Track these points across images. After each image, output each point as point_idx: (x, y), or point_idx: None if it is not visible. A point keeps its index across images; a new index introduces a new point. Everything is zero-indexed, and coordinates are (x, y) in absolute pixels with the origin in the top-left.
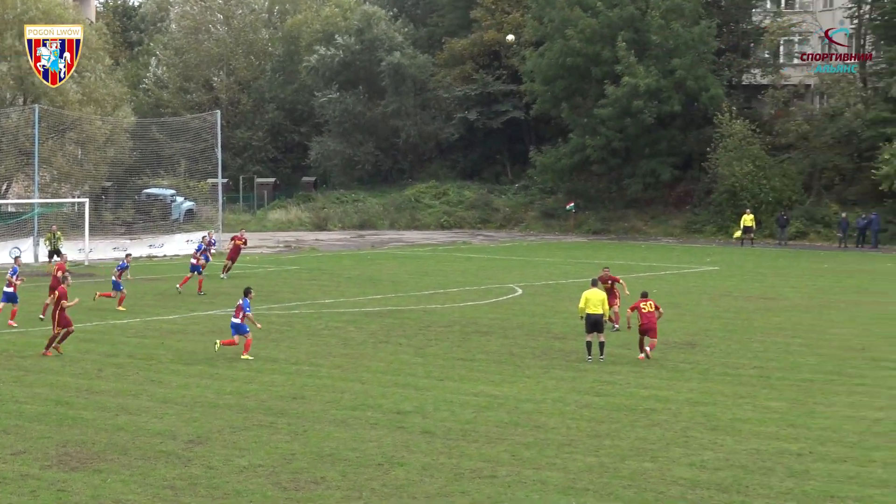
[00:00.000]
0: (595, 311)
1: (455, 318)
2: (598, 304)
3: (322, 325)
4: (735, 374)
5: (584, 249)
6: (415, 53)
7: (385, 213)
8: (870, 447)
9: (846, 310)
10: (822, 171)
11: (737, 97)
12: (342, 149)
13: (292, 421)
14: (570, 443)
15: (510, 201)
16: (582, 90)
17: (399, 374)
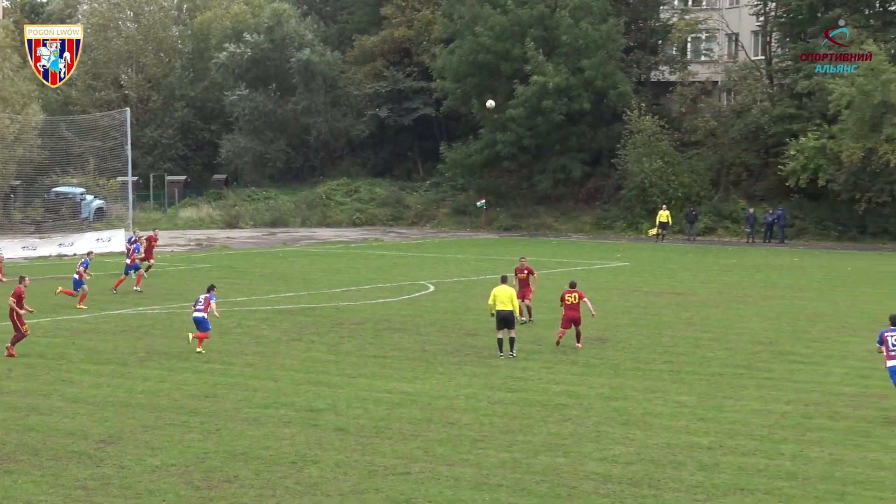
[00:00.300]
0: (504, 308)
1: (367, 315)
2: (507, 301)
3: (234, 324)
4: (646, 369)
5: (495, 246)
6: (324, 50)
7: (297, 210)
8: (778, 440)
9: (754, 304)
10: (729, 167)
11: (645, 94)
12: (253, 146)
13: (205, 420)
14: (483, 439)
15: (422, 198)
16: (492, 87)
17: (312, 372)
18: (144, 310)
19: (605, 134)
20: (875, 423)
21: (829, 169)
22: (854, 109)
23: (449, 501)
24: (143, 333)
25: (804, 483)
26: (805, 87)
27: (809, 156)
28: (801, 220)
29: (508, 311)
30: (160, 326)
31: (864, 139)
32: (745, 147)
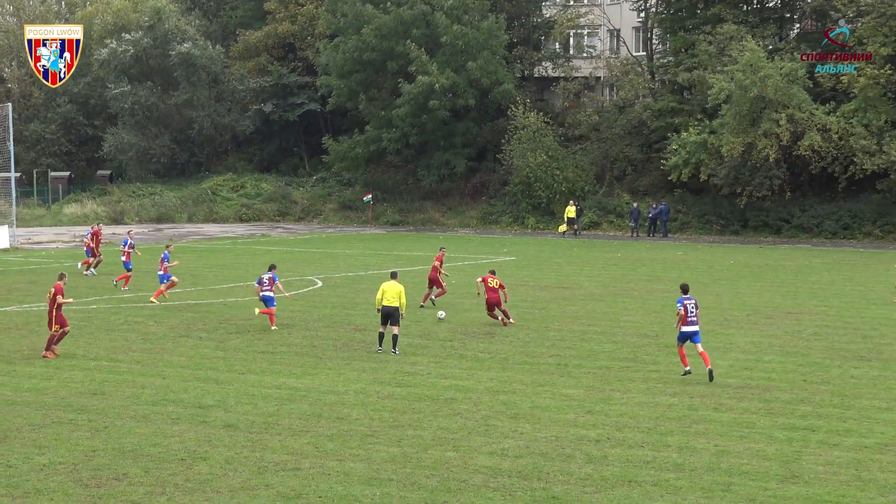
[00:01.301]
0: (391, 304)
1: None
2: (394, 297)
3: (121, 320)
4: (533, 363)
5: (382, 241)
6: (206, 45)
7: (183, 206)
8: (665, 432)
9: (639, 297)
10: (613, 161)
11: (529, 89)
12: (137, 141)
13: (93, 417)
14: (373, 434)
15: (308, 193)
16: (377, 83)
17: (200, 369)
18: (29, 307)
19: (490, 129)
20: (759, 415)
21: (710, 163)
22: (733, 104)
23: (339, 497)
24: (29, 331)
25: (691, 474)
26: (686, 79)
27: (691, 150)
28: (683, 214)
29: (394, 307)
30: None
31: (744, 134)
32: (629, 142)
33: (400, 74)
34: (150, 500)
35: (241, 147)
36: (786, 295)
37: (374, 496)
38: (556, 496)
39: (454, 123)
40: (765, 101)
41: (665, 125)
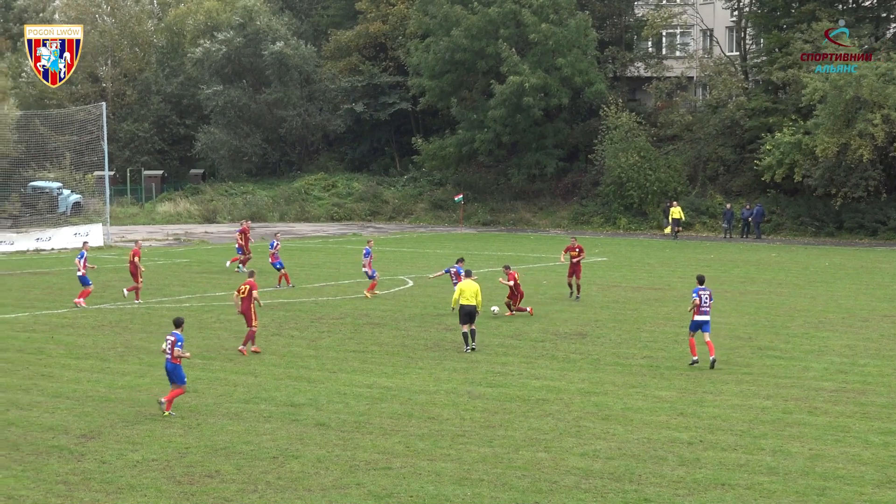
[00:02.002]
0: (468, 302)
1: (347, 310)
2: (471, 296)
3: (213, 319)
4: (626, 364)
5: (473, 241)
6: (298, 44)
7: (274, 205)
8: (758, 435)
9: (732, 299)
10: (706, 162)
11: (621, 89)
12: (228, 140)
13: (185, 415)
14: (464, 434)
15: (399, 193)
16: (468, 83)
17: (292, 367)
18: (123, 305)
19: (581, 130)
20: (854, 418)
21: (804, 164)
22: (827, 104)
23: (430, 496)
24: (123, 328)
25: (785, 478)
26: (780, 78)
27: (785, 151)
28: (777, 215)
29: (472, 305)
30: (139, 321)
31: (838, 134)
32: (722, 142)
33: (491, 75)
34: (241, 498)
35: (333, 146)
36: (882, 298)
37: (465, 496)
38: (647, 498)
39: (546, 124)
40: (860, 101)
41: (758, 125)
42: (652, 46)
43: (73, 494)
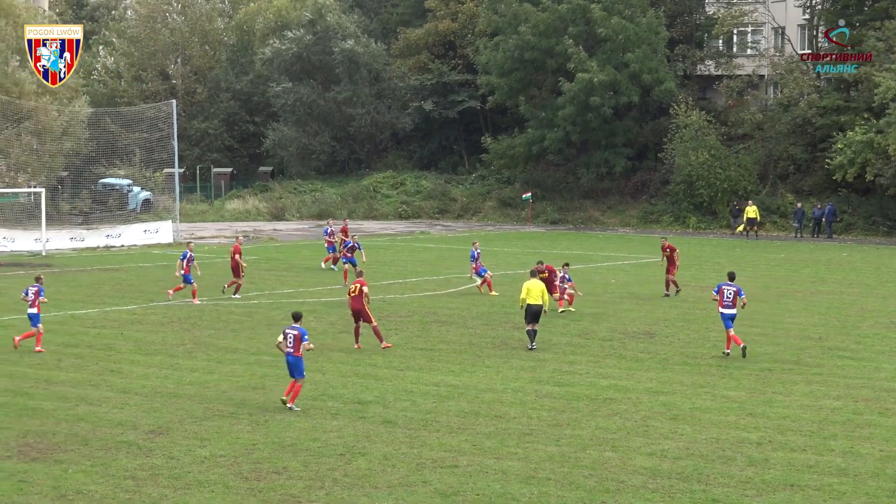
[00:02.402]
0: (535, 302)
1: (415, 307)
2: (538, 295)
3: (281, 316)
4: (694, 364)
5: (541, 239)
6: (369, 42)
7: (343, 202)
8: (828, 436)
9: (803, 299)
10: (777, 161)
11: (691, 87)
12: (297, 137)
13: (253, 411)
14: (531, 432)
15: (467, 191)
16: (537, 82)
17: (359, 365)
18: (191, 301)
19: (651, 128)
20: None
21: (876, 163)
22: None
23: (497, 495)
24: (191, 325)
25: (855, 479)
26: (852, 76)
27: (857, 150)
28: (849, 214)
29: (539, 305)
30: (207, 318)
31: None
32: (793, 141)
33: (560, 73)
34: (308, 494)
35: (401, 144)
36: None
37: (531, 495)
38: (715, 499)
39: (615, 122)
40: None
41: (830, 123)
42: (722, 45)
43: (141, 490)
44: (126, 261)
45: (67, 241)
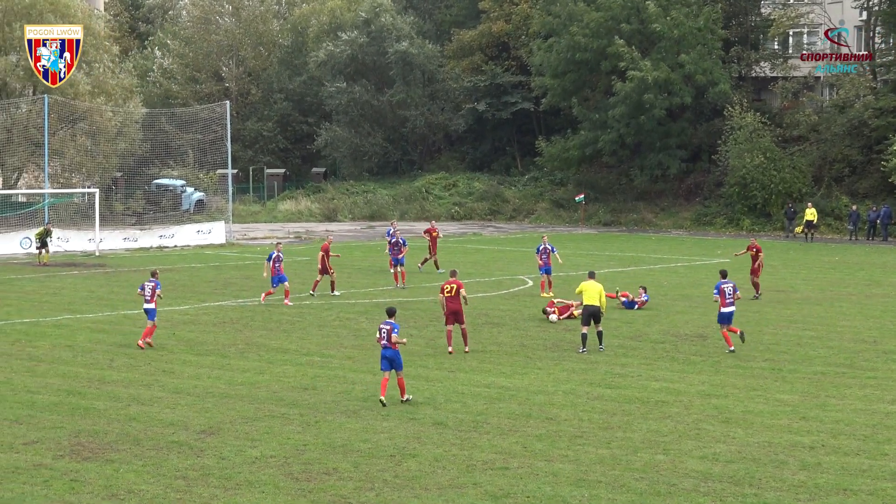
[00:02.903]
0: (592, 303)
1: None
2: (595, 296)
3: (333, 317)
4: (746, 367)
5: (594, 241)
6: (423, 43)
7: (395, 204)
8: (882, 440)
9: (857, 302)
10: (832, 163)
11: (746, 89)
12: (350, 137)
13: (304, 412)
14: (582, 435)
15: (520, 192)
16: (591, 83)
17: (410, 366)
18: (244, 302)
19: (705, 130)
20: None
21: None
22: None
23: (548, 497)
24: (243, 325)
25: None
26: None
27: None
28: None
29: (595, 306)
30: (259, 319)
31: None
32: (848, 143)
33: (613, 74)
34: (359, 496)
35: (454, 146)
36: None
37: (582, 497)
38: (767, 503)
39: (669, 124)
40: None
41: (886, 125)
42: (778, 45)
43: (192, 489)
44: (179, 261)
45: (121, 242)
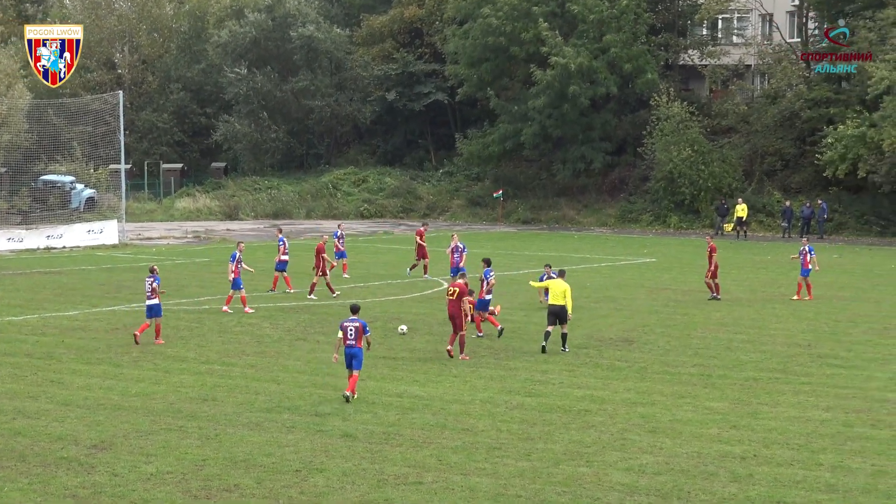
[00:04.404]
0: (556, 302)
1: (377, 313)
2: (560, 295)
3: (234, 322)
4: (674, 373)
5: (513, 240)
6: (330, 28)
7: (301, 201)
8: (817, 449)
9: (791, 304)
10: (763, 156)
11: (673, 78)
12: (250, 131)
13: (203, 424)
14: (500, 446)
15: (434, 188)
16: (509, 72)
17: (317, 374)
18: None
19: (630, 121)
20: None
21: (869, 159)
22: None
23: None
24: None
25: (845, 496)
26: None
27: (848, 145)
28: (840, 213)
29: (560, 305)
30: None
31: None
32: (781, 135)
33: (533, 61)
34: None
35: (363, 139)
36: None
37: None
38: None
39: (593, 115)
40: None
41: (819, 116)
42: (707, 31)
43: None
44: (68, 263)
45: (5, 242)
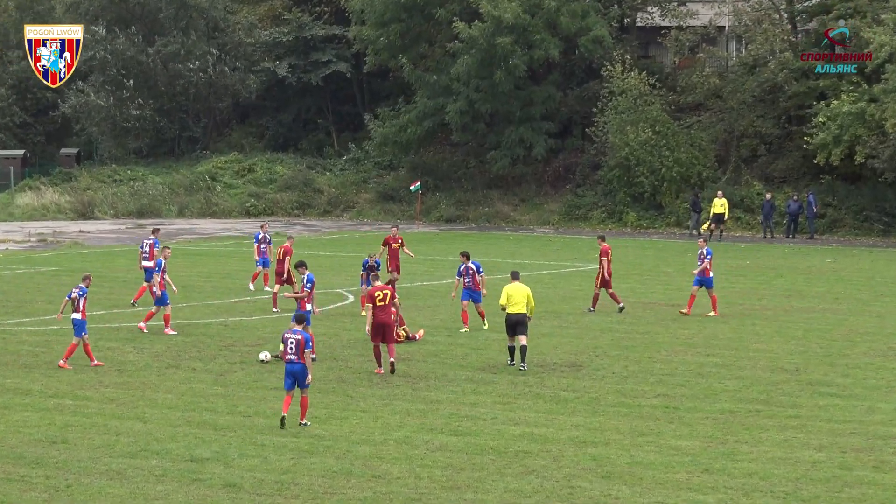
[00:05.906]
0: (517, 311)
1: (266, 334)
2: (520, 301)
3: (91, 345)
4: (633, 405)
5: (434, 242)
6: None
7: (172, 195)
8: (807, 498)
9: (774, 319)
10: (740, 138)
11: (630, 42)
12: (108, 104)
13: (51, 473)
14: (420, 497)
15: (337, 179)
16: (427, 35)
17: (193, 410)
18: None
19: (577, 96)
20: None
21: (869, 141)
22: None
23: None
24: None
25: None
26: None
27: (843, 124)
28: (834, 208)
29: (522, 314)
30: None
31: None
32: (761, 113)
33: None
34: None
35: (249, 119)
36: None
37: None
38: None
39: (531, 88)
40: None
41: (808, 90)
42: None
43: None
44: None
45: None
